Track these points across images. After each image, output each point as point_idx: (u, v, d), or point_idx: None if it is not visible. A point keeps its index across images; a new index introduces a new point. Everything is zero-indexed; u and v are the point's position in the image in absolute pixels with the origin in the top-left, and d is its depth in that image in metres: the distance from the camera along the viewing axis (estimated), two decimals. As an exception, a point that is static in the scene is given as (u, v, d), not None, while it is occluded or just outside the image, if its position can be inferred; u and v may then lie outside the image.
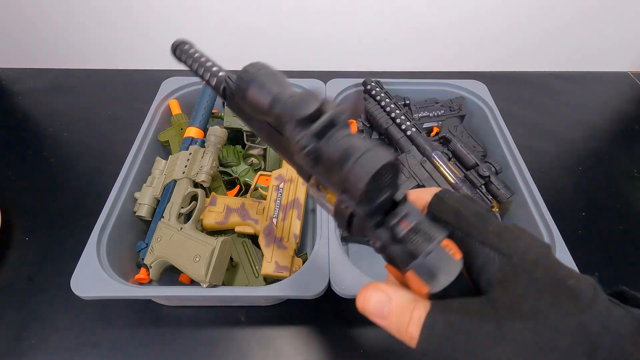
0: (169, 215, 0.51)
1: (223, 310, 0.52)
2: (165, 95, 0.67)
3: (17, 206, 0.63)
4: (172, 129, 0.65)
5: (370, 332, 0.50)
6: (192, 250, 0.45)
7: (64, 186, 0.67)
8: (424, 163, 0.58)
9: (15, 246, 0.58)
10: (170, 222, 0.50)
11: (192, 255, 0.45)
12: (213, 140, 0.57)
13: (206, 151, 0.56)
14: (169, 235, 0.48)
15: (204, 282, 0.44)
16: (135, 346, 0.48)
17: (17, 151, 0.73)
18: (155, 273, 0.48)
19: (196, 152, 0.56)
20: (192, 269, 0.44)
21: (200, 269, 0.43)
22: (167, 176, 0.56)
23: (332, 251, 0.47)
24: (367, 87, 0.66)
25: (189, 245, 0.46)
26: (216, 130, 0.57)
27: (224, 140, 0.59)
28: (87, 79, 0.90)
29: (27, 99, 0.85)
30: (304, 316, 0.51)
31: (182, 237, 0.47)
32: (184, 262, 0.45)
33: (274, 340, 0.49)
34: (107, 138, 0.76)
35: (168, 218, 0.51)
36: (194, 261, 0.44)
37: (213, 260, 0.44)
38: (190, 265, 0.44)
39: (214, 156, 0.56)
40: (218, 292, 0.45)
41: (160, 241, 0.49)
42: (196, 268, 0.44)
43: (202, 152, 0.56)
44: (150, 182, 0.56)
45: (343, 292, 0.44)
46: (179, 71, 0.91)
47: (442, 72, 0.93)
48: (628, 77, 0.94)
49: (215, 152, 0.56)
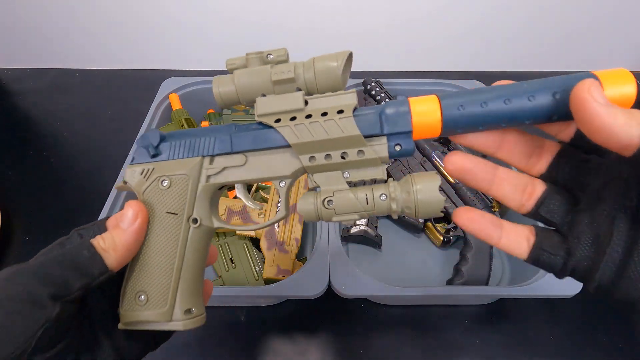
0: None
1: (223, 310, 0.52)
2: (165, 95, 0.67)
3: (17, 206, 0.63)
4: (172, 124, 0.65)
5: (370, 332, 0.50)
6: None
7: (64, 186, 0.67)
8: (424, 163, 0.58)
9: (15, 246, 0.58)
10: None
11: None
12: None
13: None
14: None
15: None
16: (135, 346, 0.48)
17: (17, 151, 0.73)
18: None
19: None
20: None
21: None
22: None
23: (332, 251, 0.47)
24: (367, 87, 0.66)
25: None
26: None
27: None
28: (87, 79, 0.90)
29: (27, 99, 0.85)
30: (304, 316, 0.51)
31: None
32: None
33: (274, 340, 0.49)
34: (107, 138, 0.76)
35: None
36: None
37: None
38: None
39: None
40: (218, 292, 0.45)
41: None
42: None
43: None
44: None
45: (343, 292, 0.44)
46: (179, 71, 0.92)
47: (442, 72, 0.93)
48: (628, 77, 0.94)
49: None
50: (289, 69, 0.23)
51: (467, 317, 0.52)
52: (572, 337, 0.50)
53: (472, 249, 0.53)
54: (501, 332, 0.50)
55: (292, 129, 0.23)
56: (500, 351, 0.49)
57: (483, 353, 0.48)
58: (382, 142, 0.23)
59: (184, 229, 0.25)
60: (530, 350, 0.49)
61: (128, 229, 0.23)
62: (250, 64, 0.25)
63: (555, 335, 0.50)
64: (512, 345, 0.49)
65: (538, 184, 0.22)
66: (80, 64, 0.92)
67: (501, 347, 0.49)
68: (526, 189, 0.22)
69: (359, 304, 0.53)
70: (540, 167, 0.22)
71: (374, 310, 0.52)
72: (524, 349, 0.49)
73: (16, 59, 0.91)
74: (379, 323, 0.51)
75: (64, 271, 0.21)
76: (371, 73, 0.85)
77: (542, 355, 0.48)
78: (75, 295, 0.21)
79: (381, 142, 0.23)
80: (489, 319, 0.51)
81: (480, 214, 0.22)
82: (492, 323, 0.51)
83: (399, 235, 0.60)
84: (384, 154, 0.23)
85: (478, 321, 0.51)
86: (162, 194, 0.26)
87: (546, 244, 0.21)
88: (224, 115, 0.68)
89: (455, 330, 0.50)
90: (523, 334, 0.50)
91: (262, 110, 0.24)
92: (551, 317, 0.52)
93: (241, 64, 0.25)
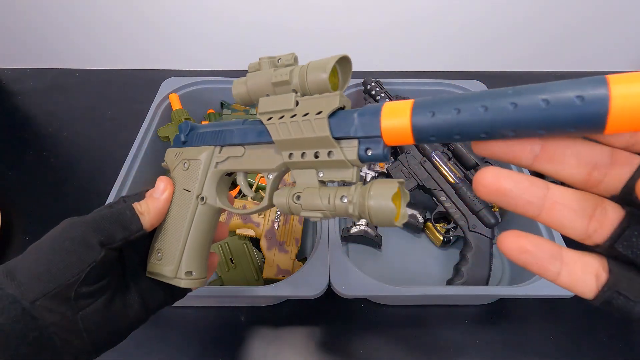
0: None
1: (223, 310, 0.52)
2: (165, 95, 0.67)
3: (17, 206, 0.63)
4: (172, 124, 0.65)
5: (370, 332, 0.50)
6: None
7: (64, 186, 0.67)
8: (423, 163, 0.58)
9: (15, 246, 0.58)
10: None
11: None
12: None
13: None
14: None
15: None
16: (135, 346, 0.48)
17: (17, 151, 0.73)
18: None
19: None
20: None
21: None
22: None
23: (332, 251, 0.47)
24: (367, 87, 0.66)
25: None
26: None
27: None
28: (87, 79, 0.90)
29: (27, 99, 0.85)
30: (304, 316, 0.51)
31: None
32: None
33: (273, 340, 0.49)
34: (107, 138, 0.76)
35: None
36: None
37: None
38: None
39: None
40: (218, 292, 0.45)
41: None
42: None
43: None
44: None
45: (343, 292, 0.44)
46: (179, 71, 0.92)
47: (442, 72, 0.93)
48: (628, 77, 0.94)
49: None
50: (286, 72, 0.25)
51: (467, 317, 0.52)
52: (572, 337, 0.50)
53: (472, 249, 0.53)
54: (501, 332, 0.50)
55: (276, 127, 0.25)
56: (500, 351, 0.49)
57: (483, 353, 0.48)
58: (352, 145, 0.22)
59: (193, 204, 0.30)
60: (530, 350, 0.49)
61: (159, 197, 0.30)
62: (262, 67, 0.27)
63: (555, 335, 0.50)
64: (512, 345, 0.49)
65: (611, 207, 0.17)
66: (80, 64, 0.92)
67: (501, 347, 0.49)
68: (594, 215, 0.17)
69: (359, 304, 0.53)
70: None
71: (374, 310, 0.52)
72: (524, 349, 0.49)
73: (16, 59, 0.91)
74: (379, 323, 0.51)
75: (111, 225, 0.27)
76: (371, 73, 0.85)
77: (542, 355, 0.48)
78: (117, 244, 0.27)
79: (351, 145, 0.22)
80: (489, 319, 0.51)
81: (534, 243, 0.17)
82: (492, 323, 0.51)
83: (399, 235, 0.60)
84: (352, 157, 0.22)
85: (478, 321, 0.51)
86: (182, 173, 0.31)
87: (624, 286, 0.16)
88: (224, 116, 0.68)
89: (455, 330, 0.50)
90: (523, 334, 0.50)
91: (262, 109, 0.26)
92: (551, 317, 0.52)
93: (255, 68, 0.27)
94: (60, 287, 0.24)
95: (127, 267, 0.30)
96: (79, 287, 0.25)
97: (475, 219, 0.54)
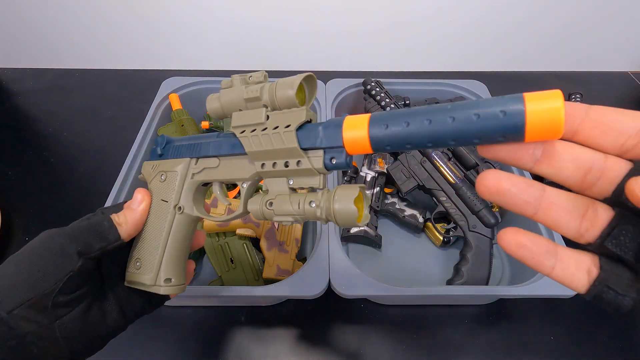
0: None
1: (223, 310, 0.52)
2: (165, 95, 0.67)
3: (17, 206, 0.63)
4: (172, 124, 0.65)
5: (370, 332, 0.50)
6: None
7: (64, 186, 0.67)
8: (423, 163, 0.58)
9: (15, 246, 0.58)
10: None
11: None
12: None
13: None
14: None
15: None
16: (135, 346, 0.48)
17: (17, 151, 0.73)
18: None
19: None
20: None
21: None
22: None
23: (332, 251, 0.47)
24: (367, 87, 0.66)
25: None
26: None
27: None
28: (87, 79, 0.90)
29: (27, 99, 0.85)
30: (304, 316, 0.51)
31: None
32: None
33: (274, 340, 0.49)
34: (107, 138, 0.76)
35: None
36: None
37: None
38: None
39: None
40: (218, 292, 0.45)
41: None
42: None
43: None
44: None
45: (343, 292, 0.44)
46: (178, 71, 0.92)
47: (442, 72, 0.93)
48: (628, 77, 0.94)
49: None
50: (257, 89, 0.27)
51: (467, 317, 0.52)
52: (572, 337, 0.50)
53: (472, 249, 0.53)
54: (501, 332, 0.50)
55: (249, 139, 0.27)
56: (500, 351, 0.49)
57: (483, 353, 0.48)
58: (318, 154, 0.25)
59: (170, 214, 0.31)
60: (530, 350, 0.49)
61: (136, 209, 0.31)
62: (234, 84, 0.29)
63: (555, 335, 0.50)
64: (512, 345, 0.49)
65: (602, 208, 0.18)
66: (80, 64, 0.92)
67: (501, 347, 0.49)
68: (586, 215, 0.18)
69: (359, 304, 0.53)
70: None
71: (374, 310, 0.52)
72: (524, 349, 0.49)
73: (16, 59, 0.91)
74: (378, 323, 0.51)
75: (89, 235, 0.27)
76: (371, 73, 0.86)
77: (542, 355, 0.48)
78: (95, 254, 0.27)
79: (317, 155, 0.25)
80: (489, 319, 0.51)
81: (531, 239, 0.19)
82: (492, 323, 0.51)
83: (399, 235, 0.60)
84: (319, 166, 0.25)
85: (478, 321, 0.51)
86: (160, 185, 0.33)
87: (613, 280, 0.17)
88: (224, 118, 0.68)
89: (455, 330, 0.50)
90: (523, 334, 0.50)
91: (235, 122, 0.28)
92: (551, 317, 0.52)
93: (228, 85, 0.29)
94: (37, 296, 0.24)
95: (105, 277, 0.30)
96: (57, 296, 0.25)
97: (475, 219, 0.54)
